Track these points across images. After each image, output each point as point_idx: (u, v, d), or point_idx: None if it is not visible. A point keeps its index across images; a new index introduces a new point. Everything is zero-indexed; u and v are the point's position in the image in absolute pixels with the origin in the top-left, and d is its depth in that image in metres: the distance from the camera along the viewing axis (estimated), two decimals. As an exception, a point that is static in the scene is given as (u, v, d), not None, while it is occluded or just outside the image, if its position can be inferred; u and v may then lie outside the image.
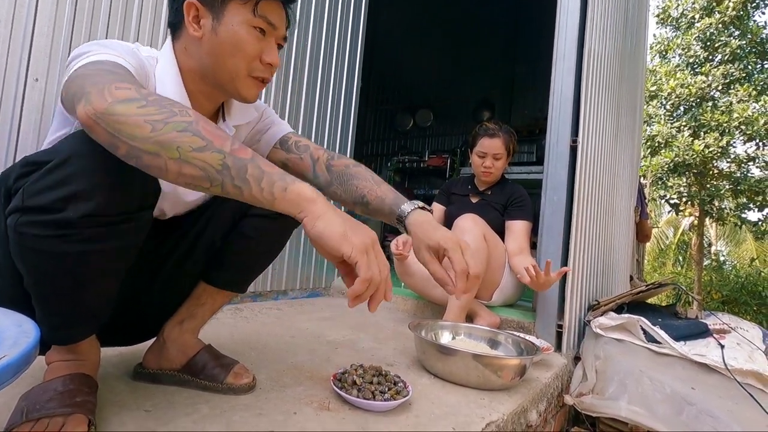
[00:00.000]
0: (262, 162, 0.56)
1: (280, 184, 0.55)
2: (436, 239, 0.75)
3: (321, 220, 0.55)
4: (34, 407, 0.66)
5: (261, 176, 0.55)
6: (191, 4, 0.72)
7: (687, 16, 7.70)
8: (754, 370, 1.37)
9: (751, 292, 7.30)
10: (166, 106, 0.54)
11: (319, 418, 0.85)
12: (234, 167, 0.54)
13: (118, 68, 0.62)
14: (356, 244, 0.56)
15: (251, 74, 0.76)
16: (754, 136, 6.93)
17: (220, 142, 0.54)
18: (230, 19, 0.72)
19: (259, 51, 0.75)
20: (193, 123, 0.54)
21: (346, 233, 0.56)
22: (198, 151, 0.53)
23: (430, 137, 5.84)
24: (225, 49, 0.73)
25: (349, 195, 0.88)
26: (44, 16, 1.23)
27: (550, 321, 1.65)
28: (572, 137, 1.71)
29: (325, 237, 0.55)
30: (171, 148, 0.52)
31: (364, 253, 0.56)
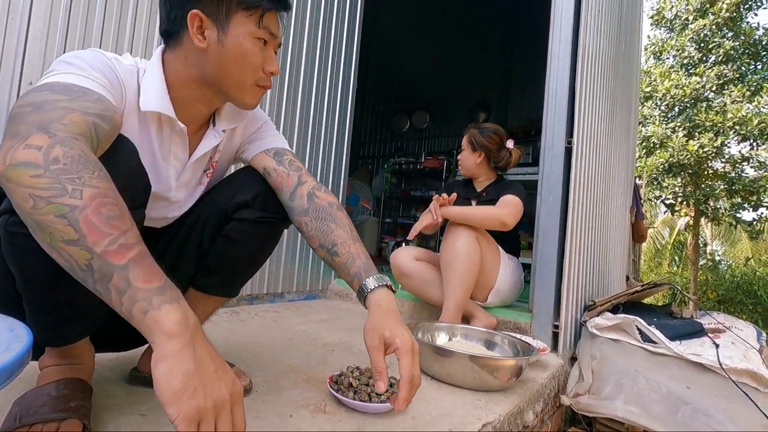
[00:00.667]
0: (135, 272, 0.49)
1: (142, 305, 0.48)
2: (394, 334, 0.73)
3: (165, 364, 0.47)
4: (27, 412, 0.66)
5: (125, 289, 0.48)
6: (195, 15, 0.72)
7: (681, 17, 7.76)
8: (748, 369, 1.37)
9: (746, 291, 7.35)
10: (62, 180, 0.49)
11: (316, 421, 0.85)
12: (98, 271, 0.49)
13: (70, 92, 0.60)
14: (185, 409, 0.46)
15: (256, 83, 0.78)
16: (748, 137, 6.97)
17: (94, 239, 0.48)
18: (236, 30, 0.73)
19: (263, 61, 0.77)
20: (77, 209, 0.48)
21: (183, 391, 0.46)
22: (67, 243, 0.48)
23: (427, 139, 5.85)
24: (232, 60, 0.74)
25: (320, 234, 0.83)
26: (38, 20, 1.23)
27: (547, 322, 1.66)
28: (567, 138, 1.72)
29: (158, 387, 0.46)
30: (45, 232, 0.49)
31: (192, 423, 0.46)
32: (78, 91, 0.61)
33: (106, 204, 0.50)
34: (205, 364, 0.50)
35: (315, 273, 2.28)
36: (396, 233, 5.31)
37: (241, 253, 0.90)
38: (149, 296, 0.49)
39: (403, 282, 1.92)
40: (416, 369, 0.73)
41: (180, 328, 0.49)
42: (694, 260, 8.06)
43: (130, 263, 0.49)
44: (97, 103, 0.61)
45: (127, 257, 0.50)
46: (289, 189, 0.86)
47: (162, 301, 0.50)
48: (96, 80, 0.65)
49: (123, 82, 0.71)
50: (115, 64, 0.71)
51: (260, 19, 0.74)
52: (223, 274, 0.91)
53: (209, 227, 0.87)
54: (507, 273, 1.80)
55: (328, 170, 2.32)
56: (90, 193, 0.50)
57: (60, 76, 0.62)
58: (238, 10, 0.73)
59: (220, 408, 0.49)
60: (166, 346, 0.48)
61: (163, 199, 0.84)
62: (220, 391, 0.49)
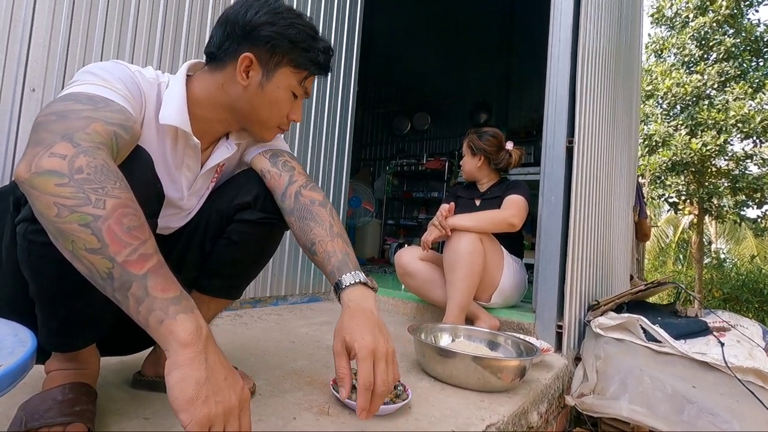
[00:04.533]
0: (153, 282, 0.51)
1: (158, 314, 0.50)
2: (353, 338, 0.66)
3: (179, 372, 0.48)
4: (32, 417, 0.66)
5: (143, 298, 0.50)
6: (247, 57, 0.77)
7: (681, 15, 7.74)
8: (754, 368, 1.37)
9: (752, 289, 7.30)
10: (86, 190, 0.50)
11: (319, 423, 0.85)
12: (118, 280, 0.50)
13: (93, 102, 0.61)
14: (197, 415, 0.47)
15: (278, 126, 0.86)
16: (751, 134, 6.94)
17: (116, 249, 0.50)
18: (279, 81, 0.80)
19: (290, 110, 0.85)
20: (100, 219, 0.50)
21: (196, 399, 0.48)
22: (89, 252, 0.50)
23: (428, 140, 5.85)
24: (266, 103, 0.81)
25: (302, 234, 0.82)
26: (40, 27, 1.24)
27: (550, 322, 1.65)
28: (568, 138, 1.72)
29: (172, 395, 0.48)
30: (67, 240, 0.50)
31: (204, 427, 0.48)
32: (100, 101, 0.63)
33: (127, 214, 0.52)
34: (216, 372, 0.52)
35: (318, 275, 2.28)
36: (398, 235, 5.31)
37: (243, 255, 0.90)
38: (165, 306, 0.51)
39: (406, 282, 1.92)
40: (379, 375, 0.65)
41: (193, 338, 0.50)
42: (698, 258, 8.02)
43: (149, 273, 0.51)
44: (119, 113, 0.63)
45: (146, 267, 0.51)
46: (280, 190, 0.86)
47: (177, 310, 0.51)
48: (118, 91, 0.66)
49: (144, 94, 0.73)
50: (138, 76, 0.73)
51: (304, 80, 0.83)
52: (225, 276, 0.92)
53: (211, 229, 0.88)
54: (510, 273, 1.80)
55: (329, 173, 2.32)
56: (112, 204, 0.51)
57: (84, 86, 0.64)
58: (288, 66, 0.80)
59: (228, 414, 0.51)
60: (180, 354, 0.49)
61: (175, 207, 0.85)
62: (230, 398, 0.51)
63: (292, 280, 2.12)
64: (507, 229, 1.72)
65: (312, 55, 0.81)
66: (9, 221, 0.64)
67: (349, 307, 0.72)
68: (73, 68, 1.30)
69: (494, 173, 2.00)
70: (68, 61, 1.29)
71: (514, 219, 1.71)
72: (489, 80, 5.28)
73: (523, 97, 5.06)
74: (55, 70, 1.27)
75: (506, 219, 1.71)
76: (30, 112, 1.22)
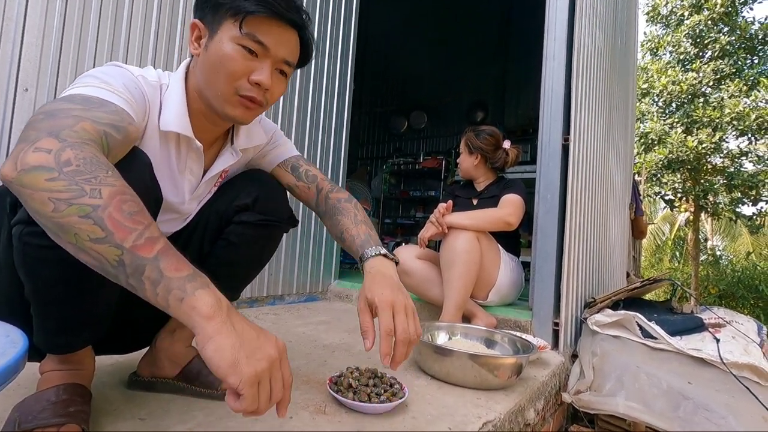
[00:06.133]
0: (165, 262, 0.51)
1: (177, 294, 0.50)
2: (373, 294, 0.75)
3: (212, 343, 0.50)
4: (26, 418, 0.66)
5: (158, 280, 0.50)
6: (194, 25, 0.74)
7: (676, 13, 7.76)
8: (749, 363, 1.37)
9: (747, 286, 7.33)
10: (78, 182, 0.49)
11: (316, 422, 0.85)
12: (130, 266, 0.50)
13: (86, 103, 0.60)
14: (246, 374, 0.50)
15: (238, 93, 0.73)
16: (746, 131, 6.97)
17: (122, 235, 0.49)
18: (220, 36, 0.71)
19: (247, 70, 0.72)
20: (99, 208, 0.49)
21: (237, 361, 0.50)
22: (95, 242, 0.49)
23: (425, 139, 5.86)
24: (212, 68, 0.72)
25: (334, 228, 0.92)
26: (33, 27, 1.23)
27: (547, 319, 1.66)
28: (564, 135, 1.72)
29: (213, 364, 0.49)
30: (69, 233, 0.49)
31: (254, 384, 0.50)
32: (95, 101, 0.61)
33: (126, 201, 0.51)
34: (246, 334, 0.53)
35: (315, 275, 2.28)
36: (396, 234, 5.31)
37: (242, 257, 0.90)
38: (182, 284, 0.51)
39: (403, 280, 1.89)
40: (399, 324, 0.72)
41: (215, 310, 0.52)
42: (694, 256, 8.05)
43: (159, 254, 0.51)
44: (113, 114, 0.61)
45: (156, 249, 0.51)
46: (313, 200, 0.95)
47: (194, 287, 0.52)
48: (119, 94, 0.64)
49: (148, 98, 0.71)
50: (141, 81, 0.71)
51: (241, 23, 0.70)
52: (223, 278, 0.90)
53: (209, 230, 0.87)
54: (507, 271, 1.80)
55: (326, 172, 2.32)
56: (109, 192, 0.50)
57: (81, 88, 0.62)
58: (226, 17, 0.71)
59: (272, 367, 0.53)
60: (207, 328, 0.50)
61: (174, 212, 0.84)
62: (270, 352, 0.54)
63: (289, 279, 2.12)
64: (504, 228, 1.72)
65: None
66: (5, 223, 0.64)
67: (370, 273, 0.79)
68: (66, 68, 1.30)
69: (491, 172, 2.00)
70: (61, 60, 1.28)
71: (511, 218, 1.72)
72: (486, 79, 5.29)
73: (520, 95, 5.08)
74: (48, 69, 1.26)
75: (503, 218, 1.71)
76: (23, 112, 1.21)
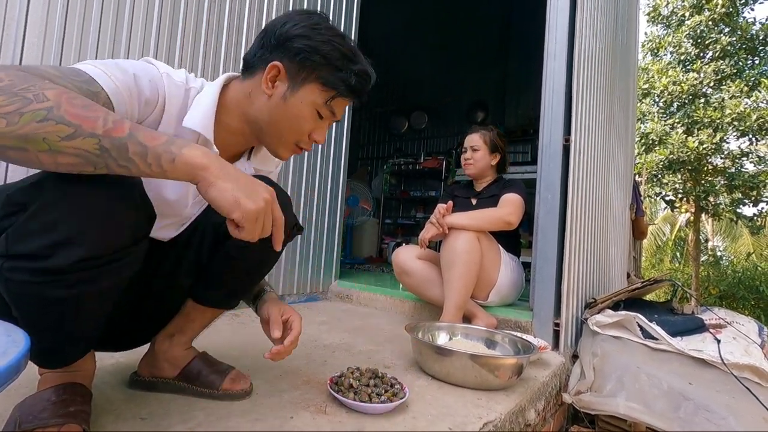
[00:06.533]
0: (141, 135, 0.53)
1: (167, 157, 0.53)
2: (286, 308, 0.92)
3: (213, 188, 0.56)
4: (27, 418, 0.66)
5: (145, 152, 0.52)
6: (275, 66, 0.76)
7: (677, 14, 7.75)
8: (750, 364, 1.37)
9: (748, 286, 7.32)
10: (17, 92, 0.48)
11: (316, 422, 0.85)
12: (113, 148, 0.51)
13: (65, 70, 0.58)
14: (247, 210, 0.57)
15: (296, 144, 0.81)
16: (746, 132, 6.96)
17: (90, 125, 0.50)
18: (303, 96, 0.77)
19: (312, 129, 0.80)
20: (53, 108, 0.48)
21: (238, 200, 0.57)
22: (68, 139, 0.49)
23: (425, 139, 5.85)
24: (285, 118, 0.78)
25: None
26: (34, 26, 1.23)
27: (547, 320, 1.65)
28: (565, 136, 1.72)
29: (217, 204, 0.57)
30: (37, 141, 0.48)
31: (254, 219, 0.58)
32: (74, 72, 0.59)
33: (74, 97, 0.51)
34: (241, 179, 0.59)
35: (315, 275, 2.28)
36: (396, 234, 5.31)
37: (241, 270, 0.89)
38: (167, 148, 0.54)
39: (404, 281, 1.91)
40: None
41: (208, 159, 0.56)
42: (695, 256, 8.04)
43: (132, 131, 0.52)
44: (84, 83, 0.59)
45: (126, 127, 0.52)
46: None
47: (179, 146, 0.55)
48: (114, 81, 0.63)
49: (164, 95, 0.71)
50: (165, 78, 0.71)
51: (330, 99, 0.78)
52: (222, 288, 0.90)
53: (207, 241, 0.86)
54: (508, 272, 1.80)
55: (327, 172, 2.32)
56: (53, 92, 0.50)
57: (84, 65, 0.62)
58: (315, 82, 0.77)
59: (267, 207, 0.60)
60: (206, 175, 0.56)
61: (174, 215, 0.83)
62: (264, 194, 0.60)
63: (290, 279, 2.12)
64: (504, 228, 1.72)
65: (343, 75, 0.77)
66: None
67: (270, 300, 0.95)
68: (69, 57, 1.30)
69: (493, 172, 2.02)
70: (62, 61, 1.28)
71: (511, 217, 1.72)
72: (486, 79, 5.28)
73: (520, 95, 5.07)
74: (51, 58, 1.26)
75: (503, 217, 1.71)
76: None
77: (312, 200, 2.24)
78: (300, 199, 2.16)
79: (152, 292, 0.87)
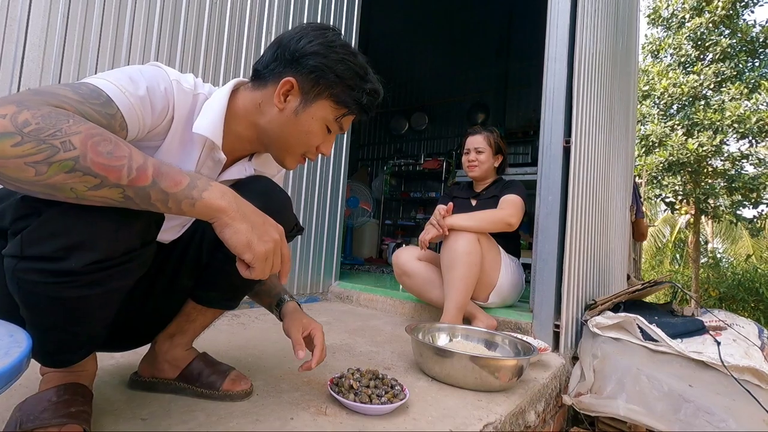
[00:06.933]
0: (164, 182, 0.55)
1: (187, 202, 0.57)
2: (307, 322, 0.97)
3: (228, 229, 0.60)
4: (28, 418, 0.66)
5: (166, 199, 0.55)
6: (289, 82, 0.77)
7: (677, 16, 7.77)
8: (750, 367, 1.37)
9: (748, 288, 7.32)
10: (45, 139, 0.48)
11: (317, 423, 0.85)
12: (136, 197, 0.54)
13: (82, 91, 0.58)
14: (258, 252, 0.61)
15: (303, 155, 0.84)
16: (746, 134, 6.97)
17: (115, 176, 0.52)
18: (314, 112, 0.79)
19: (319, 142, 0.83)
20: (80, 158, 0.50)
21: (251, 242, 0.61)
22: (94, 189, 0.51)
23: (426, 140, 5.85)
24: (295, 132, 0.80)
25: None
26: (36, 27, 1.23)
27: (547, 321, 1.65)
28: (565, 138, 1.72)
29: (231, 245, 0.60)
30: (65, 190, 0.50)
31: (264, 260, 0.63)
32: (92, 93, 0.60)
33: (98, 143, 0.52)
34: (254, 219, 0.63)
35: (316, 275, 2.28)
36: (396, 235, 5.31)
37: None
38: (188, 193, 0.57)
39: (404, 282, 1.91)
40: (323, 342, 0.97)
41: (227, 201, 0.60)
42: (695, 258, 8.05)
43: (156, 178, 0.54)
44: (103, 108, 0.59)
45: (150, 175, 0.54)
46: None
47: (200, 190, 0.58)
48: (126, 95, 0.63)
49: (173, 102, 0.71)
50: (174, 85, 0.71)
51: (341, 116, 0.81)
52: (222, 289, 0.90)
53: (207, 241, 0.86)
54: (508, 273, 1.80)
55: (327, 173, 2.32)
56: (79, 139, 0.50)
57: (97, 80, 0.62)
58: (328, 99, 0.79)
59: (276, 247, 0.65)
60: (223, 217, 0.60)
61: (176, 219, 0.83)
62: (274, 234, 0.65)
63: (290, 280, 2.12)
64: (504, 229, 1.72)
65: (356, 94, 0.79)
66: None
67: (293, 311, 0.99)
68: (69, 69, 1.30)
69: (494, 173, 2.02)
70: (64, 61, 1.29)
71: (512, 218, 1.72)
72: (487, 81, 5.29)
73: (521, 97, 5.08)
74: (51, 70, 1.26)
75: (503, 218, 1.71)
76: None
77: (312, 201, 2.24)
78: (300, 200, 2.16)
79: (154, 293, 0.87)
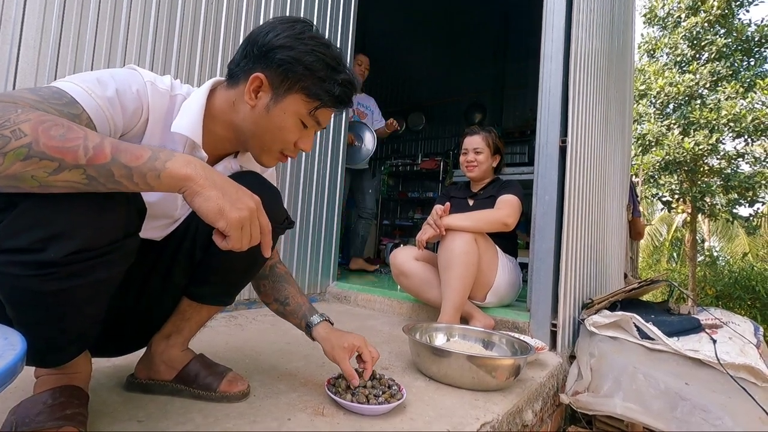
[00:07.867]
0: (124, 157, 0.53)
1: (152, 174, 0.55)
2: (350, 341, 0.97)
3: (198, 197, 0.57)
4: (23, 421, 0.66)
5: (130, 174, 0.53)
6: (258, 78, 0.75)
7: (673, 15, 7.80)
8: (746, 364, 1.38)
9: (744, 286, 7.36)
10: None
11: (314, 424, 0.85)
12: (100, 176, 0.52)
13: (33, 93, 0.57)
14: (231, 219, 0.59)
15: (281, 152, 0.82)
16: (742, 133, 7.01)
17: (72, 157, 0.50)
18: (286, 106, 0.77)
19: (297, 138, 0.81)
20: (32, 144, 0.48)
21: (223, 209, 0.58)
22: (55, 173, 0.50)
23: (423, 140, 5.86)
24: (269, 129, 0.78)
25: (274, 292, 1.02)
26: (30, 28, 1.23)
27: (545, 320, 1.66)
28: (561, 137, 1.73)
29: (202, 213, 0.58)
30: (26, 179, 0.49)
31: (239, 228, 0.60)
32: (54, 94, 0.59)
33: (50, 127, 0.51)
34: (226, 187, 0.60)
35: (313, 276, 2.28)
36: (394, 235, 5.31)
37: (234, 264, 0.88)
38: (152, 165, 0.55)
39: (401, 282, 1.91)
40: (372, 353, 0.99)
41: (192, 168, 0.57)
42: (691, 257, 8.08)
43: (115, 154, 0.53)
44: (66, 107, 0.59)
45: (108, 151, 0.53)
46: None
47: (163, 161, 0.56)
48: (93, 96, 0.62)
49: (147, 104, 0.71)
50: (149, 86, 0.71)
51: (314, 110, 0.79)
52: (216, 284, 0.90)
53: (200, 238, 0.85)
54: (505, 273, 1.81)
55: (324, 174, 2.32)
56: (29, 126, 0.49)
57: (64, 83, 0.62)
58: (299, 93, 0.77)
59: (252, 215, 0.62)
60: (191, 185, 0.57)
61: (166, 217, 0.83)
62: (249, 202, 0.62)
63: (287, 280, 2.11)
64: (501, 229, 1.73)
65: (327, 86, 0.77)
66: None
67: (329, 332, 0.99)
68: (64, 69, 1.29)
69: (491, 173, 2.02)
70: (59, 61, 1.28)
71: (509, 218, 1.72)
72: (484, 81, 5.29)
73: (518, 97, 5.08)
74: (46, 71, 1.26)
75: (500, 218, 1.71)
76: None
77: (310, 201, 2.24)
78: (298, 200, 2.16)
79: (147, 292, 0.87)
